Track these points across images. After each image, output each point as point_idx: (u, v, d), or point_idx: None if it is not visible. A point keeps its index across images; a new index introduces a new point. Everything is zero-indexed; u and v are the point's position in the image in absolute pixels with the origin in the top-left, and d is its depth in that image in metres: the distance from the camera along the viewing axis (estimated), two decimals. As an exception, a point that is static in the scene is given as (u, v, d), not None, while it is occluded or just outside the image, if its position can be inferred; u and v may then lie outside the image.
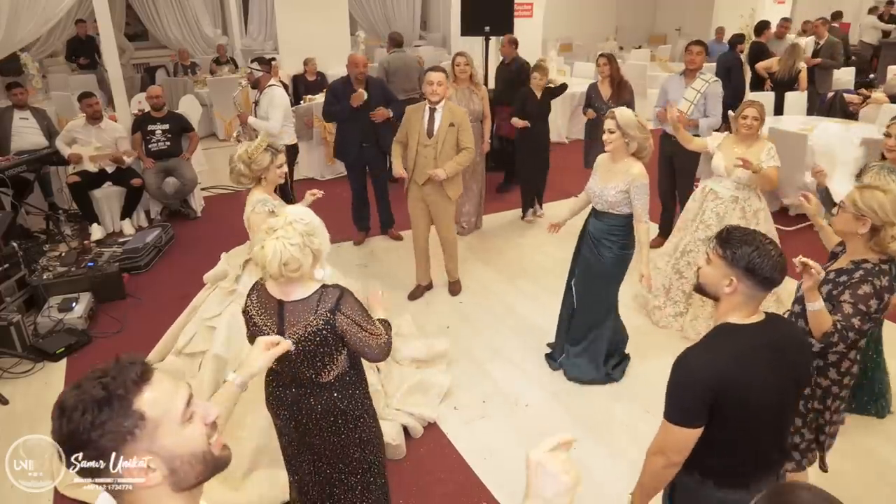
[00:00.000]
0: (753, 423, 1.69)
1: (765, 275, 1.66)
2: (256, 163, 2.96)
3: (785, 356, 1.71)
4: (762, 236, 1.72)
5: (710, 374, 1.64)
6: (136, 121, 6.20)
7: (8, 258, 4.23)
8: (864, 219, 2.18)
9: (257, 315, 2.08)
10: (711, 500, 1.77)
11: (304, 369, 2.06)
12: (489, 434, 3.29)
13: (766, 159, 3.72)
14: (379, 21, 13.48)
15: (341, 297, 2.02)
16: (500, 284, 4.89)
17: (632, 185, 3.21)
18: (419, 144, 4.27)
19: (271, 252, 1.89)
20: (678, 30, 14.96)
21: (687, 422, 1.67)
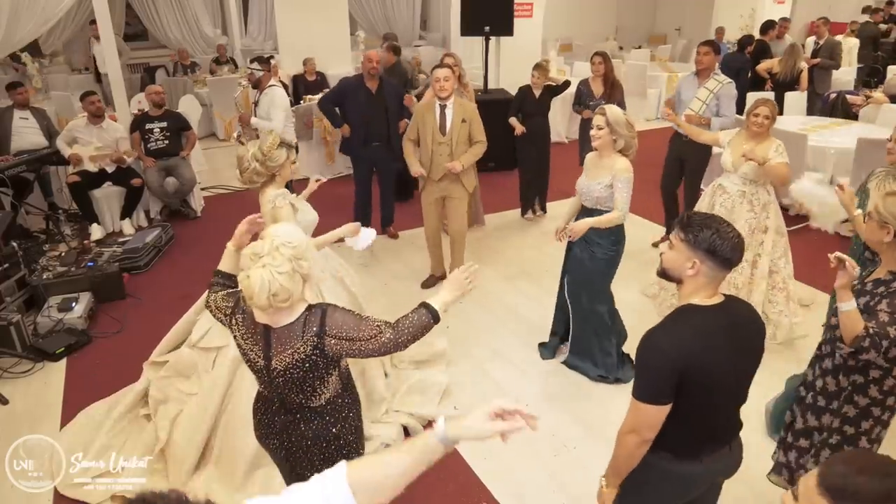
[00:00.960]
0: (711, 399, 1.78)
1: (725, 255, 1.74)
2: (272, 160, 2.91)
3: (742, 335, 1.81)
4: (720, 220, 1.79)
5: (676, 353, 1.72)
6: (135, 120, 6.20)
7: (8, 258, 4.23)
8: (888, 226, 2.13)
9: (242, 338, 1.93)
10: (664, 471, 1.86)
11: (293, 395, 1.93)
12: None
13: (774, 156, 3.75)
14: (379, 21, 13.48)
15: (325, 317, 1.85)
16: (500, 284, 4.89)
17: (615, 178, 3.26)
18: (433, 142, 4.35)
19: (258, 283, 1.71)
20: (678, 30, 14.96)
21: (656, 400, 1.75)
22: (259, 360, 1.90)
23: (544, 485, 2.98)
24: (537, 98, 5.63)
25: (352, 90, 5.16)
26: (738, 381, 1.84)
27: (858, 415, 2.27)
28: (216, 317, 2.03)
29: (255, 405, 2.11)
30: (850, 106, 7.18)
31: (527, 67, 5.67)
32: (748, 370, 1.87)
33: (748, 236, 3.93)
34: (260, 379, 1.97)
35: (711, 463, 1.88)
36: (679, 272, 1.82)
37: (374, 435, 3.08)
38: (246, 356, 1.95)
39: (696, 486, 1.94)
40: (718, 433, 1.88)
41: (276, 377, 1.88)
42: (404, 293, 4.72)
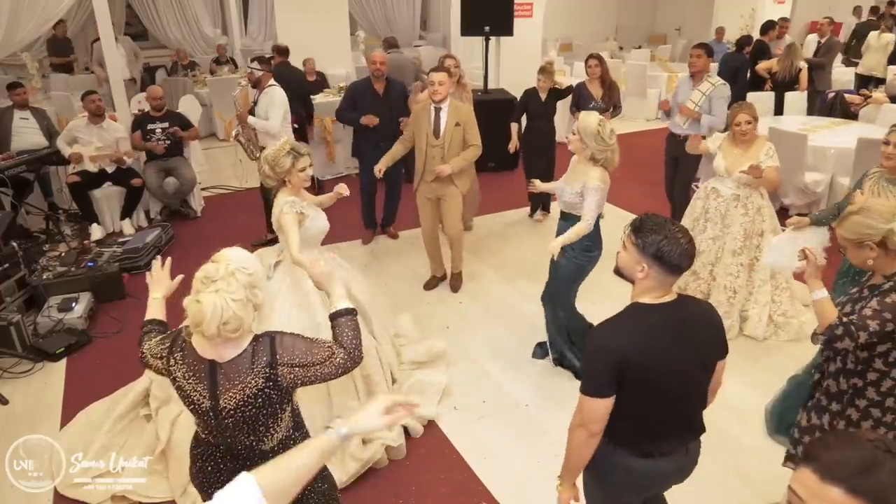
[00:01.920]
0: (658, 396, 1.81)
1: (673, 262, 1.76)
2: (279, 165, 2.95)
3: (692, 333, 1.83)
4: (673, 225, 1.81)
5: (615, 347, 1.77)
6: (136, 120, 6.21)
7: (8, 258, 4.23)
8: (864, 244, 2.13)
9: (184, 378, 1.75)
10: (619, 467, 1.90)
11: (242, 437, 1.77)
12: (489, 434, 3.29)
13: (764, 159, 3.74)
14: (379, 21, 13.48)
15: (274, 345, 1.73)
16: (500, 284, 4.89)
17: (585, 187, 3.22)
18: (427, 145, 4.35)
19: (210, 309, 1.59)
20: (678, 30, 14.96)
21: (598, 392, 1.79)
22: (204, 401, 1.72)
23: (544, 485, 2.98)
24: (543, 101, 5.59)
25: (360, 93, 5.19)
26: (687, 379, 1.85)
27: (860, 417, 2.28)
28: (152, 366, 1.85)
29: (193, 451, 1.92)
30: (849, 105, 7.18)
31: (527, 67, 5.68)
32: (699, 369, 1.88)
33: (743, 239, 3.93)
34: (205, 423, 1.79)
35: (665, 462, 1.90)
36: (630, 273, 1.86)
37: (374, 437, 3.08)
38: (188, 398, 1.76)
39: (653, 484, 1.99)
40: (672, 432, 1.90)
41: (224, 418, 1.73)
42: (404, 294, 4.72)
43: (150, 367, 1.88)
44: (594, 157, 3.21)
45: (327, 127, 7.16)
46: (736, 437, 3.22)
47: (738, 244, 3.94)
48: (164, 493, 2.88)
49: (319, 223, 3.10)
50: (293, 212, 2.92)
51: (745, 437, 3.22)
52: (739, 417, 3.31)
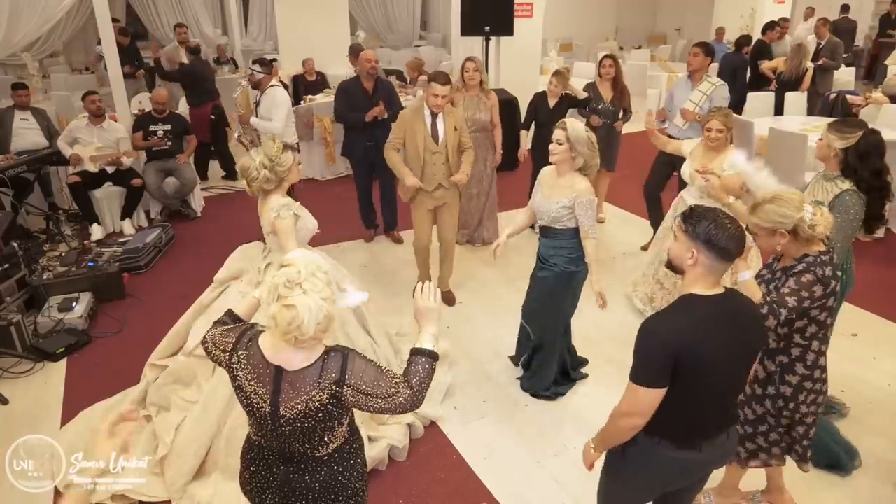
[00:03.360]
0: (707, 388, 1.83)
1: (721, 245, 1.80)
2: (281, 164, 2.90)
3: (740, 327, 1.86)
4: (721, 213, 1.85)
5: (672, 339, 1.78)
6: (138, 120, 6.21)
7: (8, 258, 4.22)
8: (776, 231, 2.23)
9: (245, 379, 1.73)
10: (664, 459, 1.91)
11: (298, 445, 1.77)
12: (489, 434, 3.29)
13: (727, 168, 3.60)
14: (379, 21, 13.49)
15: (345, 365, 1.70)
16: (500, 285, 4.89)
17: (576, 202, 3.09)
18: (426, 151, 4.16)
19: (306, 311, 1.57)
20: (678, 30, 14.96)
21: (652, 383, 1.80)
22: (264, 406, 1.71)
23: (544, 485, 2.98)
24: (552, 108, 5.32)
25: (352, 93, 5.15)
26: (734, 371, 1.90)
27: (794, 391, 2.42)
28: (212, 354, 1.84)
29: (245, 455, 1.91)
30: (851, 106, 7.17)
31: (527, 67, 5.63)
32: (745, 362, 1.93)
33: None
34: (260, 426, 1.78)
35: (709, 450, 1.94)
36: (681, 262, 1.89)
37: (380, 437, 3.07)
38: (248, 400, 1.74)
39: (692, 473, 2.01)
40: (715, 421, 1.94)
41: (282, 425, 1.72)
42: (405, 294, 4.71)
43: (209, 355, 1.86)
44: (585, 166, 3.11)
45: (327, 127, 7.17)
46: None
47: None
48: (164, 492, 2.88)
49: (310, 223, 3.09)
50: (290, 214, 2.90)
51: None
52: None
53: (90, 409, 3.39)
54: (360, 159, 5.35)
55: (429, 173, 4.21)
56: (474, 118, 5.07)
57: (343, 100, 5.19)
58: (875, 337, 4.10)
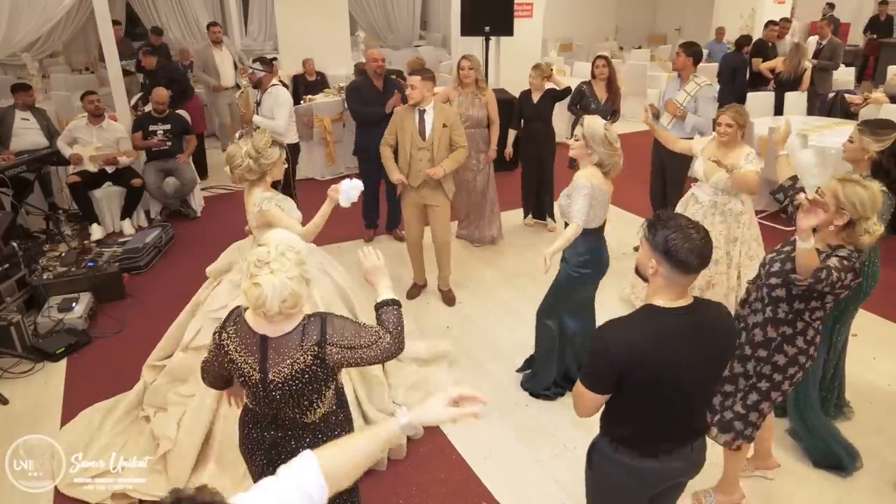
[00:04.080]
0: (665, 399, 1.77)
1: (680, 258, 1.69)
2: (266, 157, 2.92)
3: (704, 340, 1.78)
4: (688, 222, 1.74)
5: (620, 350, 1.73)
6: (137, 120, 6.21)
7: (8, 258, 4.22)
8: (842, 212, 2.21)
9: (235, 350, 1.85)
10: (622, 466, 1.88)
11: (288, 409, 1.87)
12: (489, 434, 3.29)
13: (744, 164, 3.61)
14: (379, 21, 13.49)
15: (325, 325, 1.82)
16: (500, 285, 4.89)
17: (571, 187, 3.10)
18: (412, 147, 4.22)
19: (270, 289, 1.69)
20: (678, 30, 14.96)
21: (592, 387, 1.79)
22: (254, 374, 1.82)
23: (544, 485, 2.99)
24: (535, 102, 5.44)
25: (364, 91, 5.13)
26: (697, 383, 1.82)
27: (787, 363, 2.43)
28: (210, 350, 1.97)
29: (242, 418, 2.04)
30: (850, 106, 7.17)
31: (527, 67, 5.62)
32: (710, 374, 1.86)
33: (724, 246, 3.83)
34: (254, 394, 1.89)
35: (670, 461, 1.88)
36: (643, 271, 1.82)
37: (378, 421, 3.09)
38: (239, 370, 1.86)
39: (654, 483, 1.96)
40: (677, 433, 1.88)
41: (272, 390, 1.82)
42: (405, 294, 4.72)
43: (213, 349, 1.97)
44: (601, 163, 3.08)
45: (327, 127, 7.17)
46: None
47: (719, 252, 3.82)
48: (164, 490, 2.88)
49: (294, 214, 3.11)
50: (273, 206, 2.94)
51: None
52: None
53: (90, 409, 3.39)
54: (371, 159, 5.30)
55: (414, 169, 4.26)
56: (468, 114, 5.13)
57: (357, 97, 5.19)
58: (875, 337, 4.10)
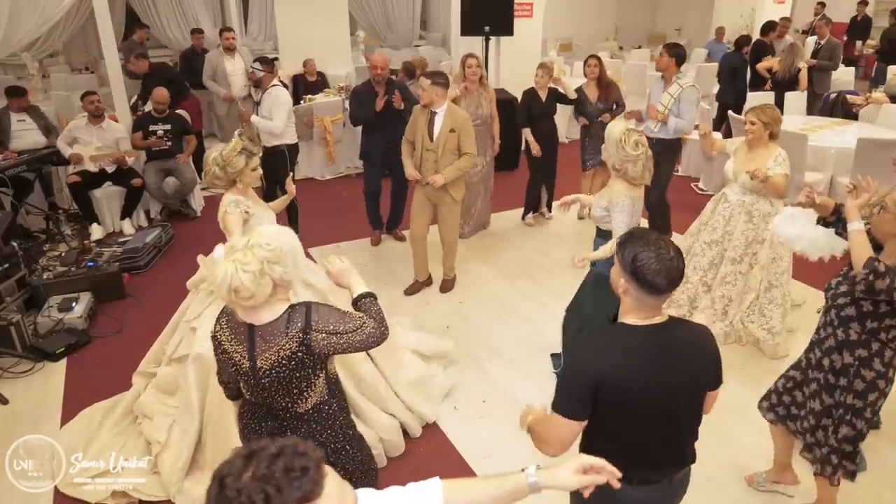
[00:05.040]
0: (638, 421, 1.71)
1: (646, 279, 1.63)
2: (231, 165, 2.93)
3: (678, 359, 1.71)
4: (660, 242, 1.67)
5: (590, 367, 1.69)
6: (137, 120, 6.21)
7: (8, 258, 4.22)
8: None
9: (227, 341, 1.90)
10: (601, 490, 1.76)
11: (279, 398, 1.89)
12: (489, 434, 3.29)
13: (772, 166, 3.60)
14: (379, 21, 13.48)
15: (309, 312, 1.84)
16: (500, 284, 4.89)
17: (611, 204, 3.10)
18: (423, 148, 4.36)
19: (221, 276, 1.72)
20: (678, 30, 14.95)
21: (569, 413, 1.70)
22: (244, 362, 1.86)
23: (544, 485, 2.98)
24: (544, 101, 5.50)
25: (365, 96, 5.13)
26: (670, 407, 1.73)
27: (866, 388, 2.36)
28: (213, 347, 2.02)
29: (240, 411, 2.08)
30: (850, 106, 7.17)
31: (527, 67, 5.65)
32: (686, 396, 1.76)
33: (744, 247, 3.83)
34: (246, 383, 1.93)
35: (644, 492, 1.79)
36: (615, 289, 1.76)
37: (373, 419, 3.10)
38: (231, 360, 1.90)
39: None
40: (653, 460, 1.79)
41: (261, 378, 1.85)
42: (403, 297, 4.72)
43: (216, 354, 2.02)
44: (615, 168, 3.10)
45: (327, 127, 7.17)
46: (736, 436, 3.22)
47: (739, 252, 3.84)
48: (164, 491, 2.88)
49: (264, 219, 3.09)
50: (237, 211, 2.94)
51: (745, 436, 3.23)
52: (739, 417, 3.31)
53: (90, 408, 3.40)
54: (376, 164, 5.37)
55: (423, 168, 4.40)
56: (477, 112, 5.22)
57: (356, 102, 5.22)
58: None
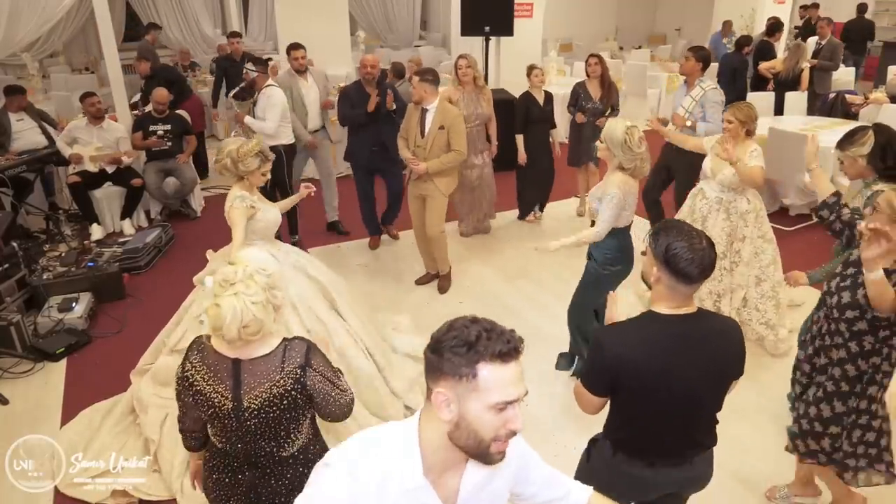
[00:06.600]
0: (660, 407, 1.76)
1: (678, 267, 1.69)
2: (244, 164, 2.96)
3: (704, 349, 1.76)
4: (693, 232, 1.73)
5: (614, 353, 1.75)
6: (138, 120, 6.21)
7: (8, 258, 4.22)
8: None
9: (203, 381, 1.70)
10: (617, 470, 1.87)
11: (263, 442, 1.72)
12: (489, 434, 3.29)
13: (748, 160, 3.63)
14: (379, 21, 13.49)
15: (310, 351, 1.74)
16: (500, 284, 4.89)
17: (604, 194, 3.14)
18: (415, 144, 4.43)
19: (230, 313, 1.58)
20: (678, 30, 14.96)
21: (592, 388, 1.82)
22: (226, 402, 1.68)
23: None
24: (542, 104, 5.44)
25: (355, 97, 5.12)
26: (693, 395, 1.78)
27: (878, 390, 2.39)
28: (176, 388, 1.83)
29: (208, 463, 1.85)
30: (850, 106, 7.17)
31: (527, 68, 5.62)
32: (711, 387, 1.82)
33: (726, 245, 3.84)
34: (224, 427, 1.72)
35: (666, 472, 1.85)
36: (647, 278, 1.82)
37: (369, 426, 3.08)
38: (207, 402, 1.70)
39: (646, 491, 1.93)
40: (673, 443, 1.85)
41: (247, 419, 1.69)
42: (404, 294, 4.72)
43: (177, 393, 1.86)
44: (622, 167, 3.11)
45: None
46: (736, 435, 3.22)
47: (721, 248, 3.81)
48: (164, 491, 2.88)
49: (270, 215, 3.11)
50: (244, 206, 2.95)
51: (747, 436, 3.23)
52: (742, 416, 3.31)
53: (90, 409, 3.40)
54: (362, 164, 5.30)
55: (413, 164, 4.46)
56: (476, 112, 5.22)
57: (346, 103, 5.18)
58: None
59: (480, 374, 1.17)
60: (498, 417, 1.18)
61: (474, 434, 1.18)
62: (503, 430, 1.19)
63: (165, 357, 3.30)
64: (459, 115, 4.44)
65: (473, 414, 1.17)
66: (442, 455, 1.24)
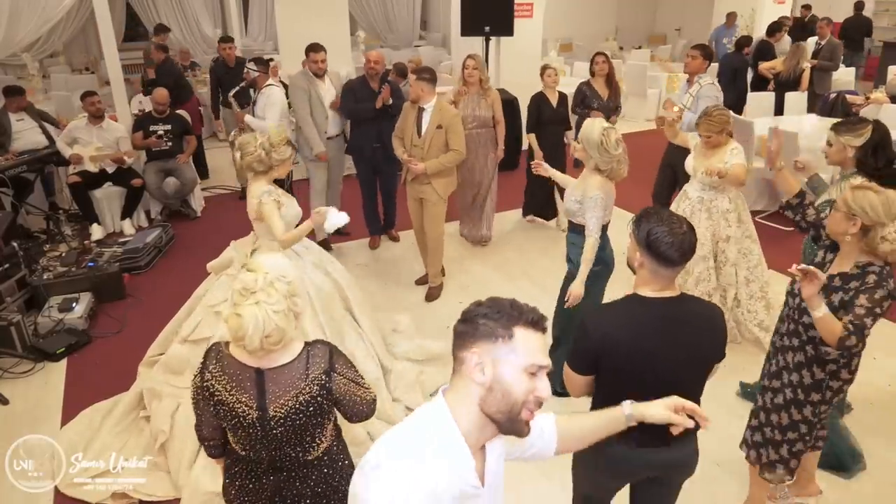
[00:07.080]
0: (642, 388, 1.75)
1: (660, 251, 1.75)
2: (279, 152, 3.00)
3: (686, 332, 1.81)
4: (672, 217, 1.80)
5: (597, 334, 1.80)
6: (138, 120, 6.21)
7: (8, 258, 4.23)
8: (855, 218, 2.16)
9: (225, 390, 1.64)
10: (600, 451, 1.83)
11: (289, 449, 1.69)
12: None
13: (729, 159, 3.64)
14: (379, 21, 13.49)
15: (332, 355, 1.71)
16: (500, 285, 4.88)
17: (584, 197, 3.09)
18: (411, 144, 4.37)
19: (252, 323, 1.54)
20: (678, 30, 14.96)
21: (575, 368, 1.89)
22: (250, 412, 1.64)
23: (544, 485, 2.99)
24: (555, 105, 5.31)
25: (359, 91, 5.11)
26: (676, 377, 1.81)
27: (832, 396, 2.43)
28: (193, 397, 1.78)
29: (229, 472, 1.82)
30: (850, 106, 7.16)
31: (527, 67, 5.61)
32: (692, 369, 1.86)
33: (711, 244, 3.83)
34: (248, 436, 1.68)
35: (647, 454, 1.88)
36: (631, 262, 1.89)
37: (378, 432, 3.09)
38: (231, 412, 1.65)
39: (627, 472, 1.97)
40: (656, 426, 1.82)
41: (273, 428, 1.65)
42: (404, 294, 4.72)
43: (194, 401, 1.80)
44: (598, 168, 3.07)
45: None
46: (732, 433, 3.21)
47: (706, 249, 3.82)
48: (165, 491, 2.89)
49: (293, 210, 3.15)
50: (272, 200, 2.98)
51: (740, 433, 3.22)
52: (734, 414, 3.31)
53: (90, 409, 3.40)
54: (365, 159, 5.27)
55: None
56: (474, 114, 5.13)
57: (350, 97, 5.15)
58: (875, 337, 4.04)
59: (517, 335, 1.23)
60: (530, 381, 1.23)
61: (507, 396, 1.22)
62: (532, 396, 1.24)
63: (178, 346, 3.29)
64: (457, 115, 4.42)
65: (508, 377, 1.22)
66: (476, 436, 1.29)
